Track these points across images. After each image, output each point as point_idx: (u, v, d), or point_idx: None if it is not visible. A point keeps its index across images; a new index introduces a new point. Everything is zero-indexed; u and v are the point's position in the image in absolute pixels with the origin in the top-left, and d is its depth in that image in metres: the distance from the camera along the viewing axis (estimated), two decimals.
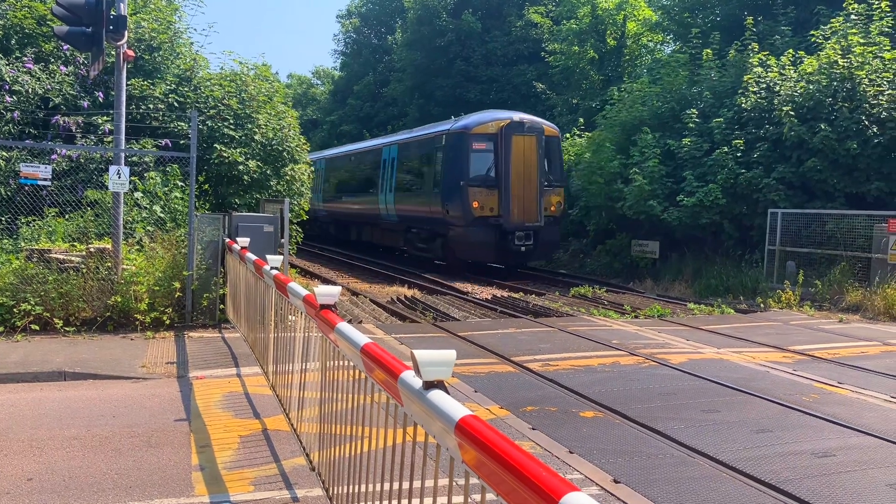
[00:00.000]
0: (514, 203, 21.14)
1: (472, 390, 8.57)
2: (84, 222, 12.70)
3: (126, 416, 7.52)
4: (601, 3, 32.70)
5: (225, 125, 15.26)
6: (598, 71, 33.22)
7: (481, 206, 21.09)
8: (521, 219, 21.23)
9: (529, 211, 21.38)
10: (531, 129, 21.74)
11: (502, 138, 21.28)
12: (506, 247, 21.27)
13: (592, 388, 8.72)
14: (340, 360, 4.53)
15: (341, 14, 65.39)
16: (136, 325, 11.35)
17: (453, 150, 21.91)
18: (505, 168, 21.07)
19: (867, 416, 7.79)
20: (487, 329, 12.73)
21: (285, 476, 5.94)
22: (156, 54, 16.32)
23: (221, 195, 15.25)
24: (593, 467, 6.21)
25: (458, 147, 21.69)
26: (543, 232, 21.68)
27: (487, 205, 21.10)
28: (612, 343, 11.45)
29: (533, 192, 21.42)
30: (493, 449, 2.23)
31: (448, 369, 2.89)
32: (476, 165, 21.43)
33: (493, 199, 21.20)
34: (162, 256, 12.01)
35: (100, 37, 11.11)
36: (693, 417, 7.68)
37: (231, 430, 7.10)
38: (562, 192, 22.72)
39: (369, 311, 15.56)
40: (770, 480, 5.93)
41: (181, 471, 6.03)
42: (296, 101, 61.50)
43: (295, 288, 5.89)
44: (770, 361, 10.47)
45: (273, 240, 12.58)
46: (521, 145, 21.42)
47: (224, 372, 9.30)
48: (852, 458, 6.50)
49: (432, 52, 43.10)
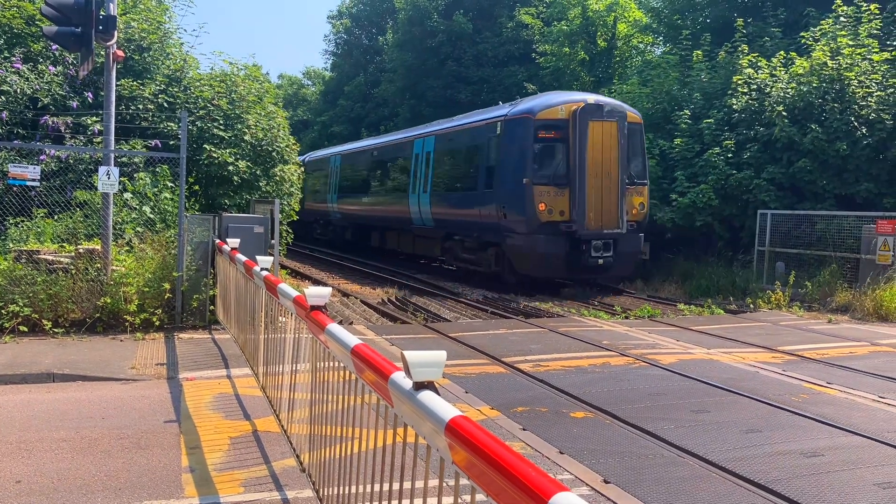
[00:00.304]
0: (590, 205, 17.48)
1: (462, 391, 8.57)
2: (73, 223, 12.64)
3: (115, 417, 7.48)
4: (592, 5, 32.78)
5: (215, 125, 15.21)
6: (588, 72, 33.29)
7: (549, 210, 17.40)
8: (597, 225, 17.53)
9: (608, 215, 17.68)
10: (612, 113, 17.86)
11: (575, 125, 17.45)
12: (578, 259, 17.50)
13: (583, 389, 8.74)
14: (331, 361, 4.52)
15: (332, 15, 65.34)
16: (126, 326, 11.30)
17: (513, 140, 18.20)
18: (579, 162, 17.35)
19: (855, 416, 7.83)
20: (478, 330, 12.73)
21: (275, 477, 5.92)
22: (146, 55, 16.25)
23: (211, 196, 15.20)
24: (583, 468, 6.22)
25: (520, 136, 17.95)
26: (624, 240, 17.93)
27: (557, 207, 17.45)
28: (603, 344, 11.47)
29: (613, 191, 17.72)
30: (482, 449, 2.23)
31: (438, 370, 2.89)
32: (542, 159, 17.78)
33: (564, 201, 17.50)
34: (151, 257, 11.96)
35: (89, 37, 11.06)
36: (683, 418, 7.71)
37: (221, 431, 7.08)
38: (645, 191, 18.86)
39: (360, 312, 15.55)
40: (759, 480, 5.95)
41: (171, 472, 6.00)
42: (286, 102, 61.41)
43: (285, 289, 5.88)
44: (759, 362, 10.51)
45: (263, 241, 12.56)
46: (598, 133, 17.60)
47: (214, 373, 9.27)
48: (841, 458, 6.53)
49: (423, 53, 43.11)
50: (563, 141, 17.64)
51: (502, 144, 18.48)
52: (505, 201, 18.09)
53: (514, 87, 37.50)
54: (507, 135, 18.44)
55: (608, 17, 33.00)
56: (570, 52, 33.15)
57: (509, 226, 17.96)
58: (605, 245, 17.61)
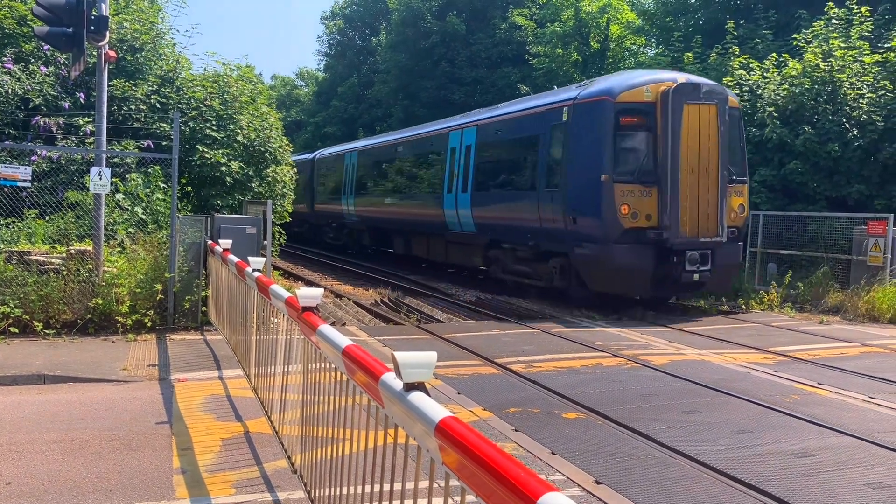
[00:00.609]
0: (685, 208, 14.31)
1: (455, 392, 8.58)
2: (65, 224, 12.60)
3: (106, 419, 7.46)
4: (585, 7, 32.87)
5: (207, 126, 15.19)
6: (581, 73, 33.33)
7: (632, 213, 14.27)
8: (693, 232, 14.42)
9: (706, 219, 14.54)
10: (710, 94, 14.68)
11: (666, 108, 14.28)
12: (668, 274, 14.44)
13: (575, 390, 8.75)
14: (322, 362, 4.52)
15: (325, 16, 65.29)
16: (118, 327, 11.26)
17: (586, 128, 15.05)
18: (671, 154, 14.18)
19: (846, 417, 7.86)
20: (471, 331, 12.74)
21: (267, 479, 5.92)
22: (138, 55, 16.22)
23: (204, 197, 15.18)
24: (575, 468, 6.23)
25: (595, 123, 14.80)
26: (723, 251, 14.82)
27: (642, 211, 14.31)
28: (595, 345, 11.49)
29: (712, 190, 14.58)
30: (472, 450, 2.24)
31: (429, 371, 2.89)
32: (624, 151, 14.71)
33: (651, 203, 14.35)
34: (144, 258, 11.94)
35: (80, 37, 11.03)
36: (674, 418, 7.72)
37: (213, 432, 7.06)
38: (745, 190, 15.87)
39: (353, 313, 15.54)
40: (750, 481, 5.97)
41: (162, 474, 5.99)
42: (279, 103, 61.34)
43: (277, 290, 5.87)
44: (751, 362, 10.54)
45: (256, 242, 12.54)
46: (694, 119, 14.48)
47: (206, 374, 9.25)
48: (831, 458, 6.56)
49: (417, 54, 43.13)
50: (649, 129, 14.58)
51: (571, 134, 15.28)
52: (575, 203, 14.96)
53: (507, 89, 37.54)
54: (577, 122, 15.26)
55: (601, 18, 33.09)
56: (564, 53, 33.21)
57: (580, 233, 14.84)
58: (702, 257, 14.50)
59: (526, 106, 18.03)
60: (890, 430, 7.44)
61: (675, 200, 14.25)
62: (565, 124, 15.56)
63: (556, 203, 15.49)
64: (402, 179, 24.38)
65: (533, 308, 16.06)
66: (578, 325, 13.54)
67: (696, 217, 14.53)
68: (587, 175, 14.78)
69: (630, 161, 14.66)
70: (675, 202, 14.25)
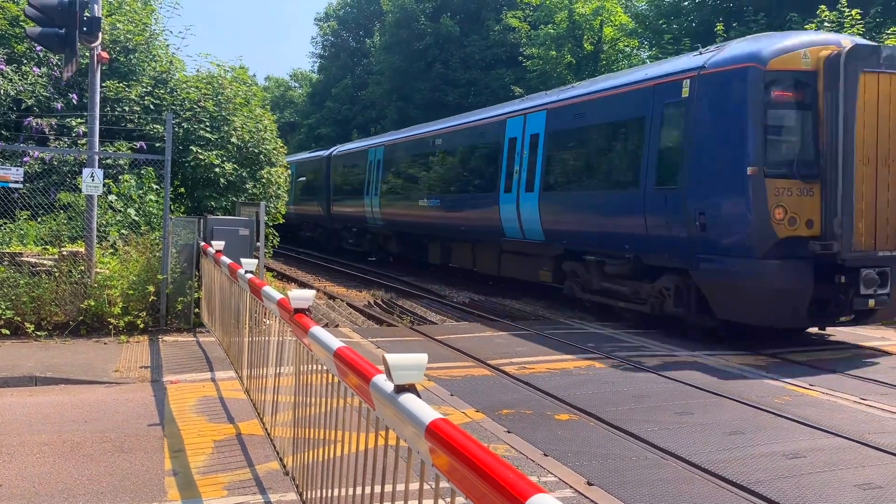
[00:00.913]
0: (860, 211, 10.95)
1: (448, 394, 8.58)
2: (57, 225, 12.57)
3: (98, 421, 7.44)
4: (578, 9, 32.91)
5: (201, 127, 15.17)
6: (575, 76, 33.37)
7: (790, 219, 10.96)
8: (868, 243, 11.06)
9: (885, 226, 11.19)
10: (893, 61, 11.11)
11: (834, 79, 10.94)
12: (832, 298, 11.15)
13: (568, 391, 8.77)
14: (314, 364, 4.53)
15: (319, 17, 65.35)
16: (110, 329, 11.24)
17: (720, 104, 11.70)
18: (843, 139, 10.80)
19: (837, 418, 7.89)
20: (465, 332, 12.75)
21: (259, 481, 5.91)
22: (131, 56, 16.19)
23: (197, 198, 15.15)
24: (567, 470, 6.25)
25: (736, 98, 11.41)
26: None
27: (802, 214, 10.99)
28: (588, 346, 11.50)
29: (894, 188, 11.28)
30: (462, 452, 2.25)
31: (419, 373, 2.90)
32: (776, 135, 11.34)
33: (813, 204, 11.07)
34: (136, 260, 11.91)
35: (73, 38, 11.00)
36: (666, 420, 7.75)
37: (205, 434, 7.06)
38: None
39: (346, 314, 15.53)
40: (742, 482, 5.99)
41: (154, 476, 5.98)
42: (273, 104, 61.28)
43: (269, 292, 5.87)
44: (743, 364, 10.57)
45: (249, 243, 12.52)
46: (872, 93, 11.02)
47: (198, 376, 9.24)
48: (822, 460, 6.58)
49: (411, 56, 43.16)
50: (809, 106, 11.21)
51: (695, 114, 11.88)
52: (703, 204, 11.55)
53: (500, 90, 37.60)
54: (706, 98, 11.81)
55: (594, 21, 33.13)
56: (557, 55, 33.26)
57: (712, 242, 11.44)
58: (882, 277, 11.12)
59: (620, 82, 14.34)
60: (880, 430, 7.48)
61: (848, 201, 10.78)
62: (686, 101, 12.10)
63: (673, 204, 12.09)
64: (443, 178, 21.02)
65: (526, 310, 16.07)
66: (572, 327, 13.56)
67: (874, 224, 11.06)
68: (724, 167, 11.41)
69: (785, 149, 11.25)
70: (848, 203, 10.79)
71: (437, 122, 23.98)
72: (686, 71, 12.38)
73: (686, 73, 12.32)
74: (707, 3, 28.10)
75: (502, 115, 17.97)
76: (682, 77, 12.35)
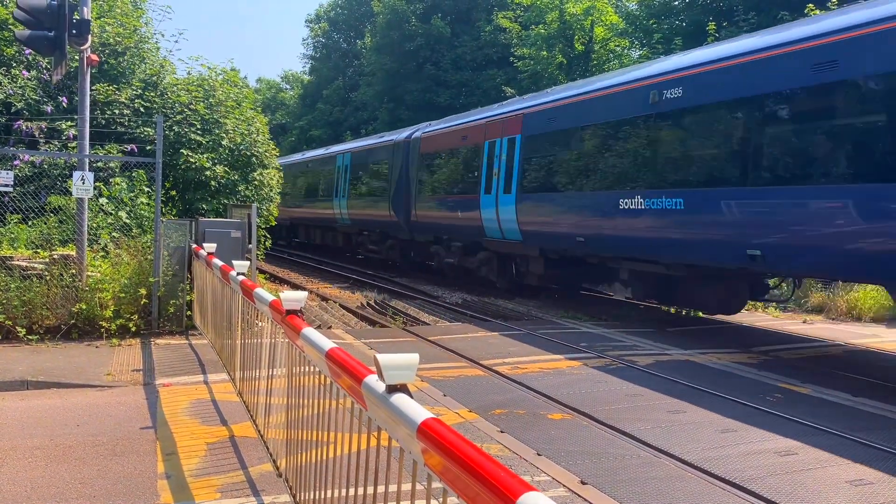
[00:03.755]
0: None
1: (441, 394, 8.59)
2: (47, 229, 12.51)
3: (90, 424, 7.42)
4: (569, 9, 32.96)
5: (192, 130, 15.13)
6: (566, 76, 33.45)
7: None
8: None
9: None
10: None
11: None
12: None
13: (561, 391, 8.78)
14: (307, 365, 4.52)
15: (310, 19, 65.29)
16: (102, 332, 11.20)
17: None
18: None
19: (828, 415, 7.93)
20: (457, 333, 12.75)
21: (252, 483, 5.90)
22: (121, 59, 16.14)
23: (189, 201, 15.11)
24: (561, 469, 6.26)
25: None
26: None
27: None
28: (581, 346, 11.53)
29: None
30: (453, 451, 2.25)
31: (411, 373, 2.90)
32: None
33: None
34: (128, 263, 11.87)
35: (62, 41, 10.96)
36: (659, 418, 7.77)
37: (198, 437, 7.04)
38: None
39: (339, 316, 15.51)
40: (734, 479, 6.01)
41: (147, 479, 5.96)
42: (265, 106, 61.21)
43: (261, 294, 5.86)
44: (735, 362, 10.61)
45: (241, 245, 12.50)
46: None
47: (191, 379, 9.21)
48: (814, 457, 6.61)
49: (402, 57, 43.16)
50: None
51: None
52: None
53: (492, 91, 37.65)
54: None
55: (585, 21, 33.18)
56: (548, 55, 33.30)
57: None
58: None
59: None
60: (871, 427, 7.52)
61: None
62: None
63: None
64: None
65: (519, 310, 16.08)
66: (564, 327, 13.58)
67: None
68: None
69: None
70: None
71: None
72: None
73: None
74: (697, 2, 28.19)
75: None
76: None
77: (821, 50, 9.72)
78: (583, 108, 14.51)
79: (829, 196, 9.52)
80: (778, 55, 10.40)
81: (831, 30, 9.73)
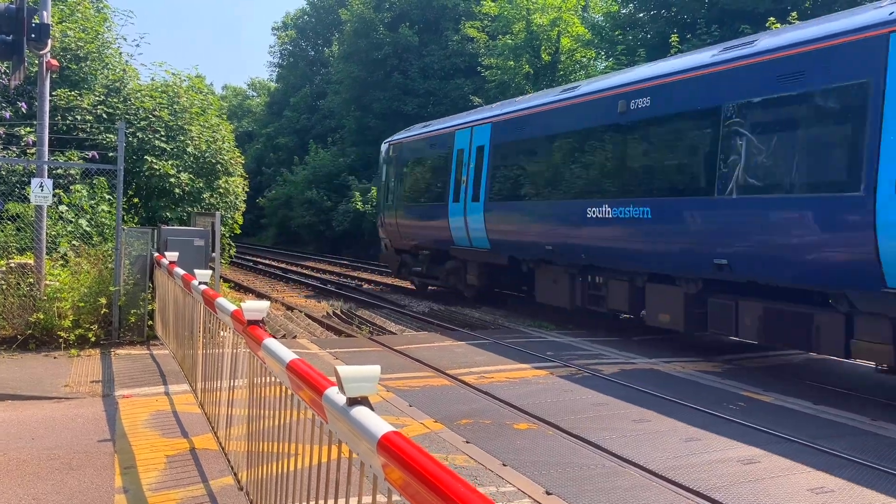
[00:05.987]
0: None
1: (406, 405, 8.52)
2: (4, 236, 12.24)
3: (46, 437, 7.23)
4: (536, 20, 33.19)
5: (156, 137, 14.93)
6: (533, 85, 33.64)
7: None
8: None
9: None
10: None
11: None
12: None
13: (527, 400, 8.77)
14: (268, 376, 4.45)
15: (276, 26, 64.99)
16: (60, 342, 10.95)
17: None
18: None
19: (791, 423, 8.01)
20: (424, 342, 12.69)
21: (213, 496, 5.79)
22: (83, 64, 15.89)
23: (152, 209, 14.90)
24: (526, 480, 6.23)
25: None
26: None
27: None
28: (547, 355, 11.54)
29: None
30: (412, 465, 2.21)
31: (372, 385, 2.85)
32: None
33: None
34: (88, 271, 11.65)
35: (20, 45, 10.75)
36: (624, 427, 7.78)
37: (158, 450, 6.89)
38: None
39: (304, 325, 15.37)
40: (699, 488, 6.03)
41: (103, 494, 5.82)
42: (231, 113, 60.73)
43: (223, 303, 5.77)
44: (699, 370, 10.69)
45: (204, 254, 12.32)
46: None
47: (152, 390, 9.04)
48: (776, 465, 6.67)
49: (369, 65, 43.07)
50: None
51: None
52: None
53: (460, 100, 37.72)
54: None
55: (552, 31, 33.43)
56: (515, 65, 33.47)
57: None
58: None
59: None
60: (833, 435, 7.61)
61: None
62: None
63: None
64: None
65: (486, 319, 16.07)
66: (531, 336, 13.59)
67: None
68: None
69: None
70: None
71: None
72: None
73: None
74: (661, 15, 28.55)
75: None
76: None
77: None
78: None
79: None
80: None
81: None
